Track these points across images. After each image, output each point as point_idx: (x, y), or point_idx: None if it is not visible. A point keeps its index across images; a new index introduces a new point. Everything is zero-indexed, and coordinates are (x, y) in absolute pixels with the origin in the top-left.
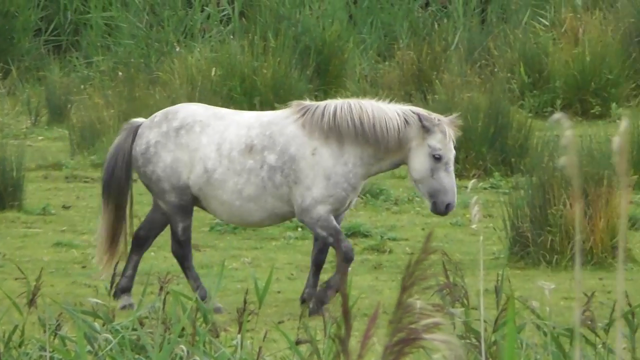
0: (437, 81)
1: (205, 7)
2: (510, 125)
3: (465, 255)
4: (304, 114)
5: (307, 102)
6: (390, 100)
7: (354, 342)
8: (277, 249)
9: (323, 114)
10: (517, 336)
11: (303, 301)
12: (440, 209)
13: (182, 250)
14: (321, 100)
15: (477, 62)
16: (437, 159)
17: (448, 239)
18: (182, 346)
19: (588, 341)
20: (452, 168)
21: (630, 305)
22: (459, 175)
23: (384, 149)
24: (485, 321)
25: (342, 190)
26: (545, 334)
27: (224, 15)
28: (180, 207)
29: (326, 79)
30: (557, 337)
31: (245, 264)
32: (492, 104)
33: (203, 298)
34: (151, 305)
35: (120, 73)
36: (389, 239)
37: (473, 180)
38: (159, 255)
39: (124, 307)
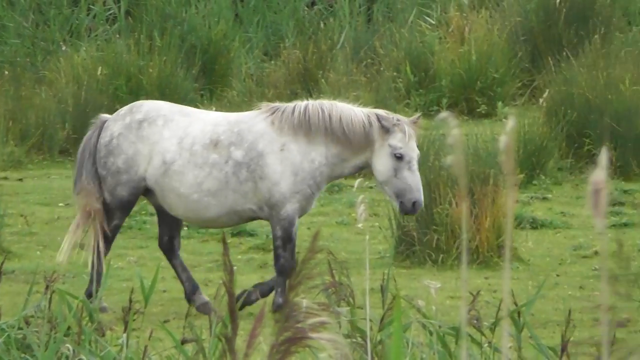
0: (322, 80)
1: (91, 6)
2: None
3: (351, 254)
4: (273, 113)
5: (277, 104)
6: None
7: (240, 342)
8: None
9: (293, 111)
10: (403, 335)
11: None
12: (408, 207)
13: (106, 245)
14: (207, 99)
15: (363, 61)
16: (398, 158)
17: (334, 238)
18: (68, 345)
19: (474, 340)
20: (415, 167)
21: (516, 304)
22: None
23: (349, 148)
24: (371, 320)
25: (308, 187)
26: (431, 333)
27: (110, 14)
28: (126, 203)
29: (212, 78)
30: (443, 336)
31: (131, 263)
32: (378, 102)
33: (89, 296)
34: (37, 304)
35: (6, 72)
36: None
37: (359, 179)
38: (45, 255)
39: (203, 305)
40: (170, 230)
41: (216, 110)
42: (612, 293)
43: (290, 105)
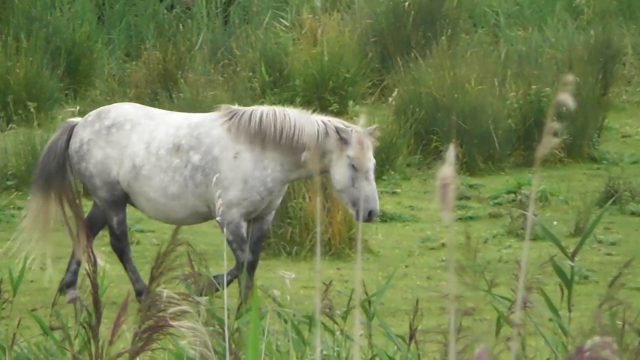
0: (181, 80)
1: None
2: None
3: (210, 246)
4: (231, 118)
5: (236, 107)
6: (313, 112)
7: (104, 329)
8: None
9: (250, 119)
10: (259, 323)
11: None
12: (364, 216)
13: (119, 244)
14: (71, 98)
15: (220, 61)
16: (356, 168)
17: (193, 231)
18: None
19: (327, 328)
20: (372, 177)
21: (366, 293)
22: None
23: (298, 160)
24: (228, 309)
25: (258, 194)
26: (285, 321)
27: None
28: (113, 202)
29: (76, 78)
30: (297, 324)
31: None
32: (235, 101)
33: (140, 292)
34: None
35: None
36: (136, 230)
37: (217, 175)
38: None
39: (72, 300)
40: (92, 227)
41: (79, 108)
42: (458, 283)
43: (248, 111)
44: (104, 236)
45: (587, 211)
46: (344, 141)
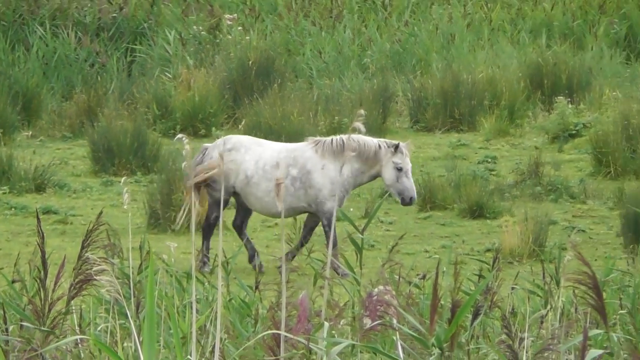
0: (100, 114)
1: None
2: (148, 142)
3: (120, 225)
4: (317, 144)
5: (319, 138)
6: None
7: (49, 282)
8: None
9: (332, 143)
10: (154, 277)
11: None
12: (407, 201)
13: (208, 229)
14: (26, 126)
15: (126, 101)
16: (399, 170)
17: (109, 215)
18: None
19: (199, 280)
20: (410, 175)
21: (225, 257)
22: (115, 174)
23: (366, 166)
24: (132, 267)
25: (340, 192)
26: (171, 275)
27: None
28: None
29: (29, 113)
30: (179, 278)
31: None
32: (135, 129)
33: (203, 263)
34: None
35: None
36: (71, 215)
37: (124, 178)
38: None
39: (259, 264)
40: (242, 218)
41: (31, 133)
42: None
43: (329, 139)
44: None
45: (373, 201)
46: (392, 152)
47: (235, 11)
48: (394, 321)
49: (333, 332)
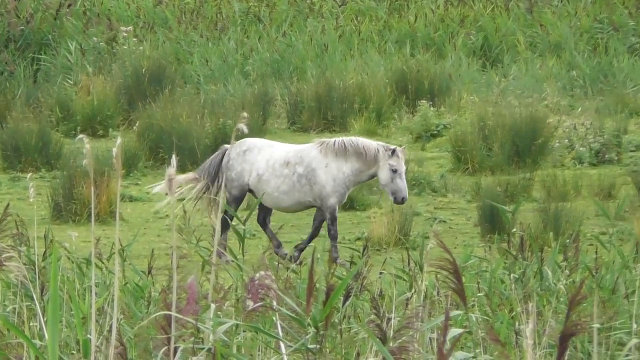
0: (9, 116)
1: None
2: (51, 141)
3: (26, 217)
4: (321, 144)
5: (324, 139)
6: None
7: None
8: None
9: (334, 143)
10: (57, 263)
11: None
12: (399, 201)
13: (226, 222)
14: None
15: (32, 105)
16: (394, 171)
17: (16, 208)
18: None
19: (97, 266)
20: (404, 176)
21: (121, 245)
22: (22, 170)
23: (365, 166)
24: (37, 254)
25: (342, 189)
26: (72, 261)
27: None
28: (238, 198)
29: None
30: (79, 264)
31: None
32: (40, 130)
33: (220, 254)
34: None
35: None
36: None
37: (30, 174)
38: None
39: (283, 254)
40: (264, 214)
41: None
42: (178, 239)
43: (332, 140)
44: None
45: None
46: (388, 155)
47: (131, 24)
48: (274, 303)
49: (219, 313)
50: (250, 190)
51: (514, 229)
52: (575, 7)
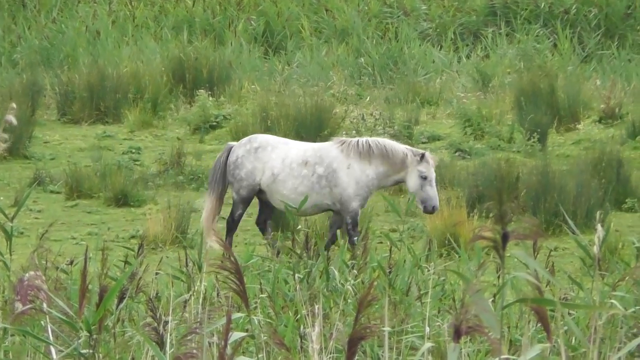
0: None
1: None
2: None
3: None
4: (342, 144)
5: (343, 138)
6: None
7: None
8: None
9: (358, 144)
10: None
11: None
12: (429, 210)
13: (232, 224)
14: None
15: None
16: (423, 178)
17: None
18: None
19: None
20: (434, 183)
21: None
22: None
23: (391, 169)
24: None
25: (364, 192)
26: None
27: None
28: (246, 199)
29: None
30: None
31: None
32: None
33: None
34: None
35: None
36: None
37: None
38: None
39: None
40: (265, 217)
41: None
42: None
43: (355, 139)
44: None
45: (22, 190)
46: (417, 161)
47: None
48: (44, 305)
49: None
50: (261, 191)
51: (299, 226)
52: None
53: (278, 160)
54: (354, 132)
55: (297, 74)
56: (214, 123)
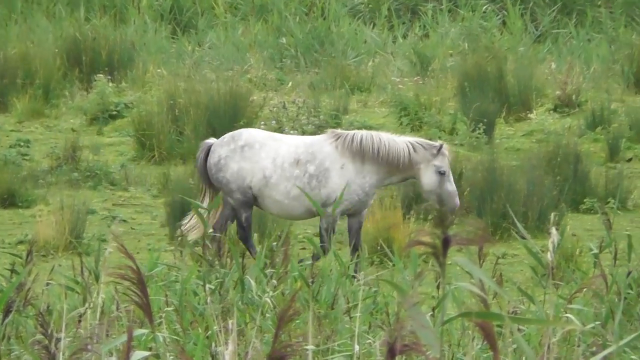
0: None
1: None
2: None
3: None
4: (337, 139)
5: (339, 130)
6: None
7: None
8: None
9: (352, 140)
10: None
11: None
12: (450, 210)
13: (244, 233)
14: None
15: None
16: (441, 174)
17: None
18: None
19: None
20: (451, 178)
21: None
22: None
23: (395, 168)
24: None
25: (356, 196)
26: None
27: None
28: (244, 202)
29: None
30: None
31: None
32: None
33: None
34: None
35: None
36: None
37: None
38: None
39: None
40: (226, 222)
41: None
42: None
43: (350, 134)
44: None
45: None
46: (432, 154)
47: None
48: None
49: None
50: (253, 195)
51: (210, 230)
52: None
53: (268, 160)
54: (273, 122)
55: (209, 56)
56: (114, 112)
